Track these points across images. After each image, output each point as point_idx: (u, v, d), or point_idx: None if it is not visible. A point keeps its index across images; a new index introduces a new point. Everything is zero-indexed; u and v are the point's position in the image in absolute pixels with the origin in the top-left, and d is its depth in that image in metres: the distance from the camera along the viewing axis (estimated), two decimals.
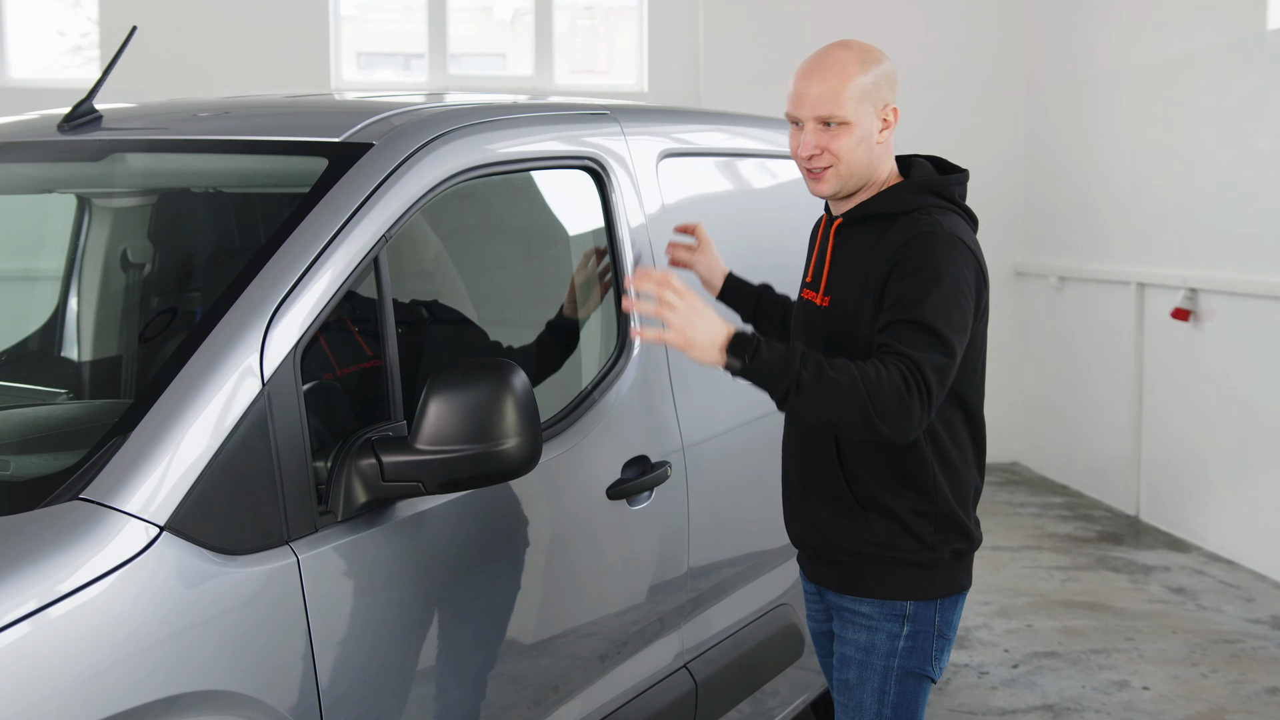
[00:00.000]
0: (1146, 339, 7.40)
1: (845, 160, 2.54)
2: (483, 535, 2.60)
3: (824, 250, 2.68)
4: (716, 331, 2.37)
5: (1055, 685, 4.95)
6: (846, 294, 2.57)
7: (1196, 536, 6.91)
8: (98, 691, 1.87)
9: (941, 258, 2.46)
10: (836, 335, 2.57)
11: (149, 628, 1.94)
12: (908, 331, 2.39)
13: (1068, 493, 8.19)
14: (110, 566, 1.92)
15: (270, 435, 2.17)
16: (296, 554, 2.18)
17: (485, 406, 2.31)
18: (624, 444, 3.00)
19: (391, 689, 2.35)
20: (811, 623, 2.88)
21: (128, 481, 1.99)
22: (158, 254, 3.46)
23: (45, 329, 3.60)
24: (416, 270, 3.15)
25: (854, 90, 2.51)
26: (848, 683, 2.62)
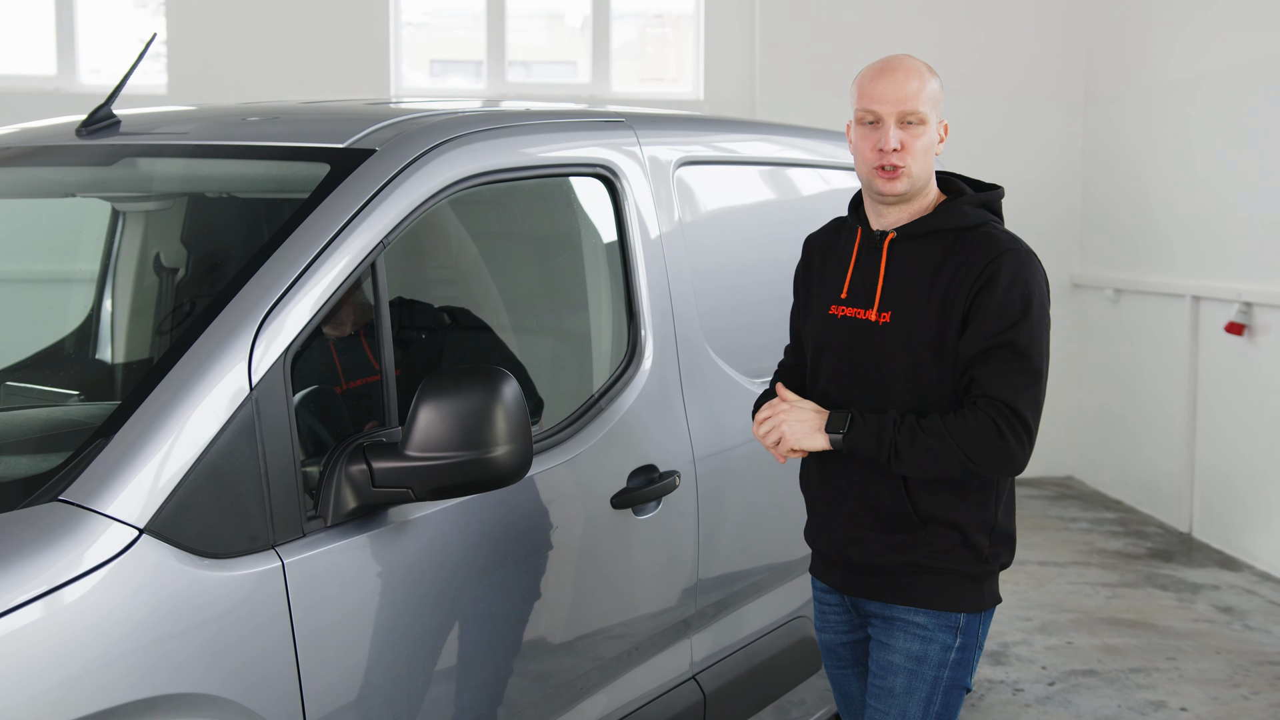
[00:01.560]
0: (1201, 353, 7.27)
1: (919, 160, 2.58)
2: (480, 543, 2.60)
3: (872, 264, 2.63)
4: (813, 423, 2.55)
5: (1090, 704, 4.87)
6: (914, 311, 2.56)
7: (1249, 555, 6.77)
8: (75, 690, 1.89)
9: (1029, 278, 2.54)
10: (900, 353, 2.57)
11: (128, 628, 1.96)
12: (1001, 363, 2.49)
13: (1121, 508, 8.06)
14: (88, 567, 1.94)
15: (257, 440, 2.18)
16: (282, 558, 2.19)
17: (475, 414, 2.31)
18: (631, 453, 2.99)
19: (379, 696, 2.35)
20: (828, 634, 2.82)
21: (108, 484, 2.01)
22: (190, 257, 3.51)
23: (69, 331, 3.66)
24: (423, 276, 3.17)
25: (930, 93, 2.59)
26: (892, 690, 2.61)
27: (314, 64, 8.09)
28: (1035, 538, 7.32)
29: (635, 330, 3.10)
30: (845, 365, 2.65)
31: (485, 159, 2.73)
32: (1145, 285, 7.87)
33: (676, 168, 3.29)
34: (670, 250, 3.20)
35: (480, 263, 3.29)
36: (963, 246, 2.57)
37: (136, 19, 8.54)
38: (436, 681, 2.48)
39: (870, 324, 2.61)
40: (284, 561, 2.19)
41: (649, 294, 3.12)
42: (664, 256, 3.18)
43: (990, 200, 2.67)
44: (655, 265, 3.15)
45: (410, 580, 2.42)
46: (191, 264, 3.28)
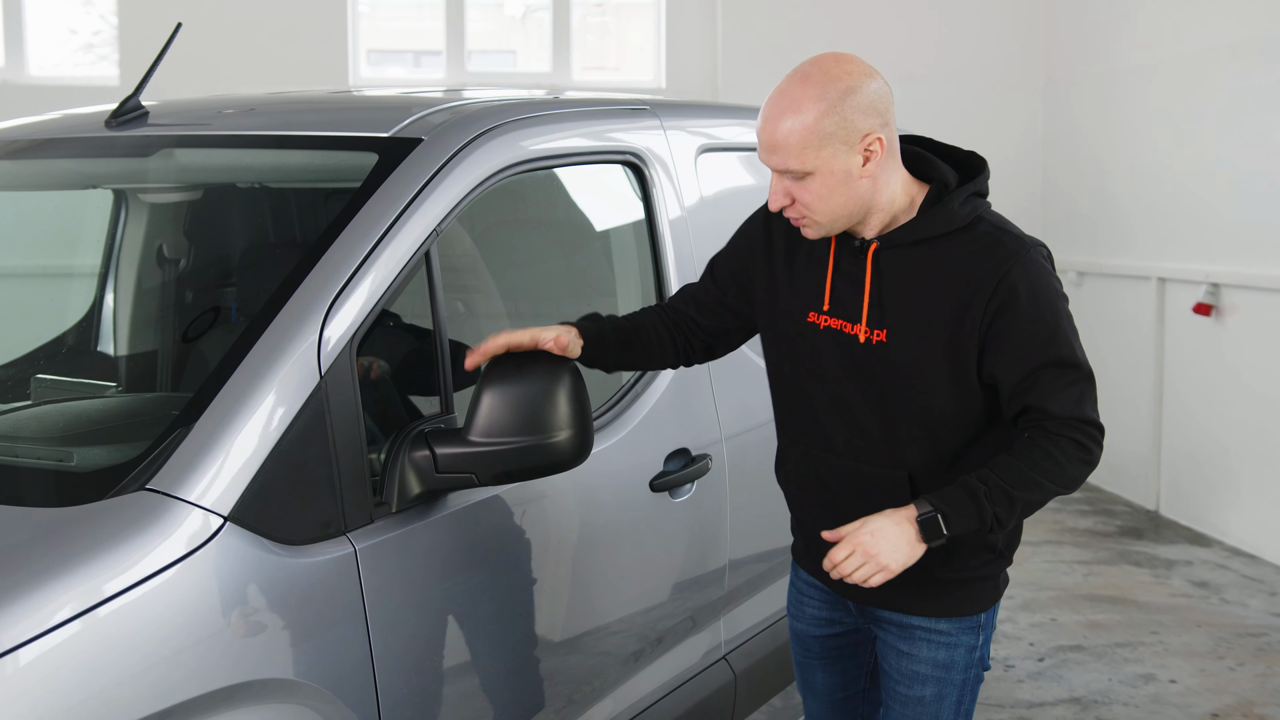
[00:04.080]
0: (1168, 334, 7.41)
1: (819, 210, 2.25)
2: (530, 528, 2.62)
3: (856, 273, 2.33)
4: (904, 537, 2.22)
5: (1082, 678, 4.96)
6: (913, 328, 2.28)
7: (1218, 531, 6.91)
8: (165, 678, 1.89)
9: (1044, 283, 2.27)
10: (900, 374, 2.30)
11: (214, 616, 1.97)
12: (1052, 381, 2.22)
13: (1087, 487, 8.19)
14: (177, 555, 1.94)
15: (328, 427, 2.19)
16: (354, 544, 2.20)
17: (538, 399, 2.33)
18: (666, 437, 3.02)
19: (445, 677, 2.38)
20: (802, 623, 2.65)
21: (192, 472, 2.01)
22: (193, 250, 3.49)
23: (82, 323, 3.63)
24: (464, 265, 3.17)
25: (814, 137, 2.19)
26: (922, 700, 2.46)
27: (268, 55, 8.02)
28: None
29: None
30: (832, 384, 2.38)
31: (525, 147, 2.75)
32: (1108, 268, 8.00)
33: (700, 154, 3.32)
34: (695, 236, 3.23)
35: (512, 251, 3.30)
36: (959, 251, 2.28)
37: (77, 16, 8.42)
38: (493, 662, 2.50)
39: (858, 342, 2.32)
40: (356, 547, 2.20)
41: (677, 277, 3.14)
42: (690, 241, 3.21)
43: (980, 185, 2.37)
44: (683, 250, 3.18)
45: (470, 564, 2.44)
46: (194, 253, 3.26)
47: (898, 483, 2.35)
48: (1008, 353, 2.24)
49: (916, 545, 2.22)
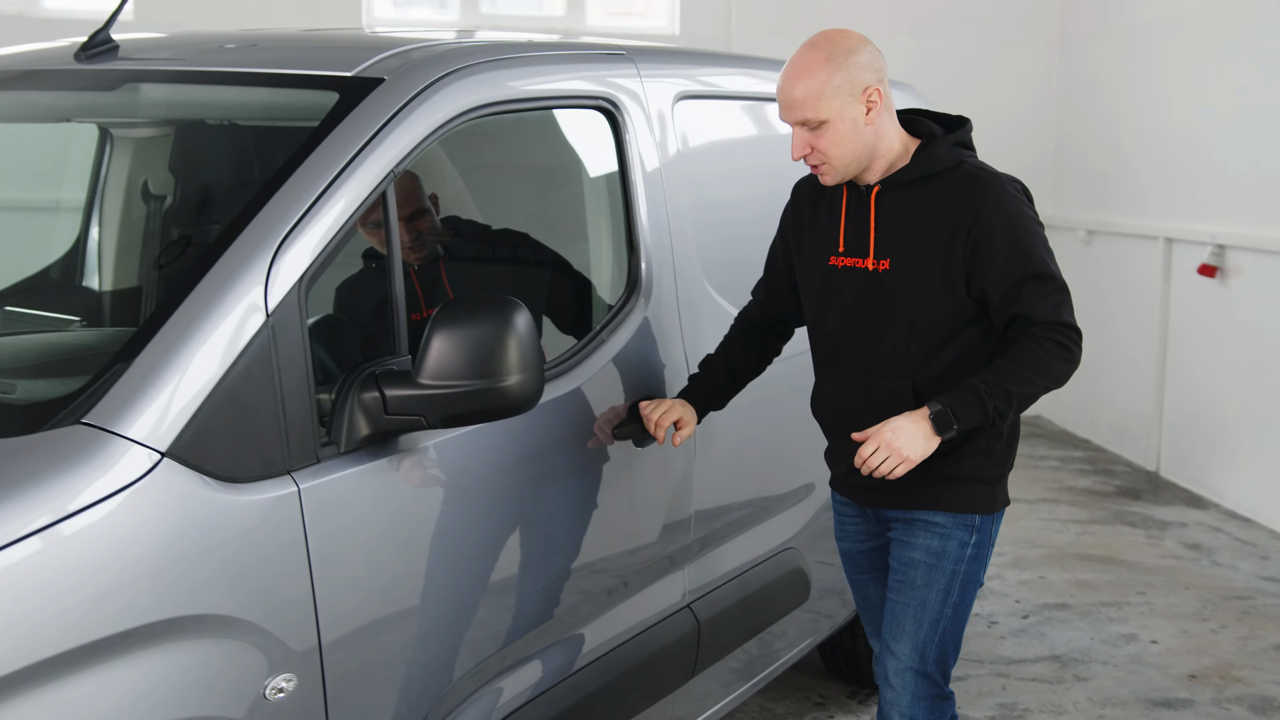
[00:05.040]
0: (1173, 294, 7.35)
1: (835, 155, 2.66)
2: (487, 471, 2.62)
3: (863, 215, 2.75)
4: (920, 431, 2.59)
5: (1064, 636, 4.97)
6: (910, 255, 2.69)
7: (1215, 493, 6.89)
8: (99, 611, 1.91)
9: (1017, 209, 2.67)
10: (901, 297, 2.71)
11: (151, 551, 1.98)
12: (1033, 292, 2.63)
13: (1089, 447, 8.17)
14: (111, 490, 1.95)
15: (274, 366, 2.19)
16: (298, 483, 2.21)
17: (488, 343, 2.32)
18: (632, 384, 3.02)
19: (391, 618, 2.38)
20: (848, 542, 3.01)
21: (130, 407, 2.01)
22: (178, 185, 3.49)
23: (66, 258, 3.64)
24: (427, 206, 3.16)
25: (826, 90, 2.62)
26: (913, 583, 2.79)
27: None
28: None
29: (635, 263, 3.11)
30: (850, 312, 2.78)
31: (492, 90, 2.73)
32: (1117, 227, 7.93)
33: (676, 101, 3.29)
34: (669, 184, 3.21)
35: (482, 194, 3.29)
36: (945, 188, 2.70)
37: None
38: (444, 605, 2.51)
39: (868, 272, 2.74)
40: (300, 487, 2.21)
41: (649, 227, 3.13)
42: (663, 190, 3.19)
43: (962, 137, 2.79)
44: (655, 198, 3.16)
45: (419, 505, 2.45)
46: (199, 192, 3.26)
47: (902, 394, 2.72)
48: (992, 271, 2.63)
49: (931, 437, 2.59)
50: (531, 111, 2.98)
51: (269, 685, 2.15)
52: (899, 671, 2.81)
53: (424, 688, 2.48)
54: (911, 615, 2.80)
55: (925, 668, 2.80)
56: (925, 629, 2.79)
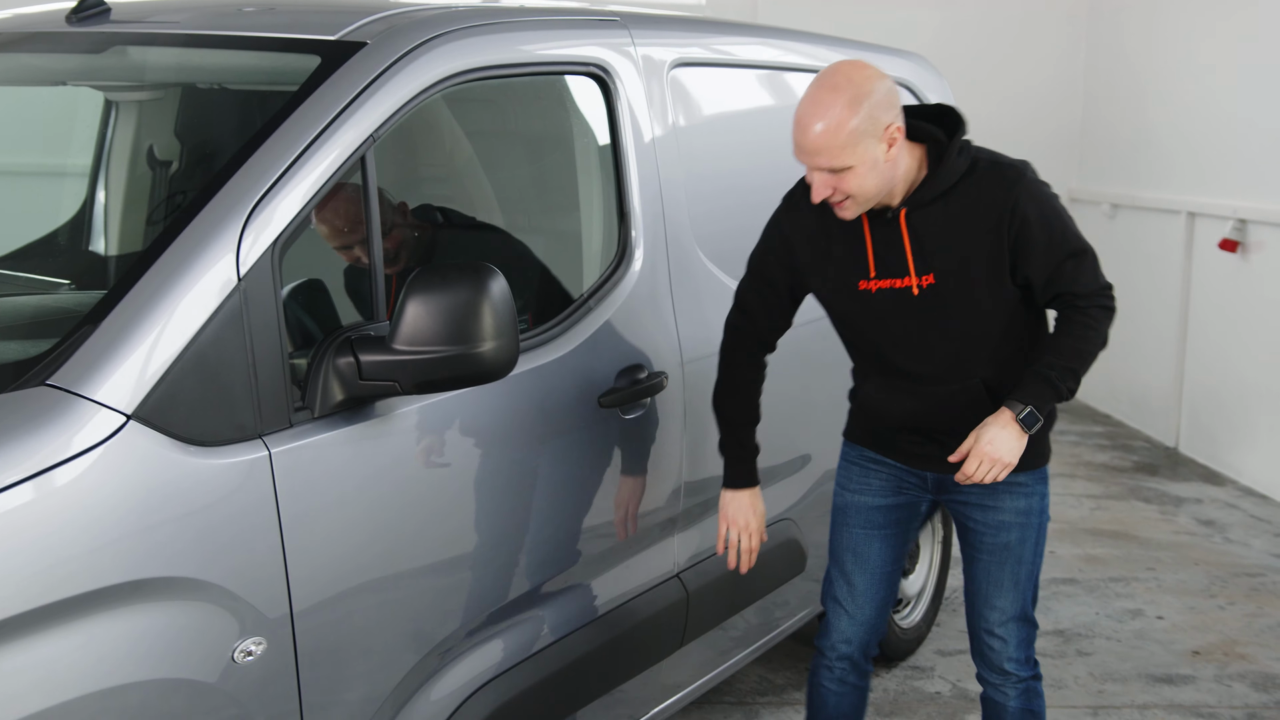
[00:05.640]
0: (1195, 270, 7.28)
1: (859, 192, 2.67)
2: (468, 438, 2.62)
3: (893, 237, 2.76)
4: (1013, 434, 2.72)
5: (1069, 611, 4.95)
6: (955, 264, 2.74)
7: (1233, 470, 6.83)
8: (64, 571, 1.92)
9: (1044, 197, 2.78)
10: (954, 305, 2.77)
11: (116, 512, 1.99)
12: (1072, 270, 2.75)
13: (1109, 422, 8.12)
14: (76, 451, 1.95)
15: (245, 331, 2.20)
16: (269, 447, 2.21)
17: (463, 309, 2.32)
18: (619, 353, 3.01)
19: (365, 583, 2.39)
20: (866, 496, 3.04)
21: (96, 370, 2.02)
22: (184, 151, 3.50)
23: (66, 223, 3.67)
24: (413, 174, 3.16)
25: (849, 137, 2.61)
26: (1008, 545, 2.94)
27: None
28: None
29: (626, 231, 3.10)
30: (899, 330, 2.83)
31: (478, 55, 2.71)
32: (1142, 201, 7.85)
33: (671, 69, 3.27)
34: (662, 152, 3.19)
35: (471, 161, 3.28)
36: (971, 192, 2.75)
37: None
38: (421, 573, 2.52)
39: (911, 290, 2.77)
40: (271, 451, 2.21)
41: (640, 195, 3.12)
42: (656, 158, 3.17)
43: (962, 141, 2.79)
44: (647, 167, 3.14)
45: (396, 472, 2.45)
46: (184, 155, 3.27)
47: (975, 392, 2.83)
48: (1035, 259, 2.74)
49: (1022, 436, 2.73)
50: (520, 78, 2.96)
51: (238, 648, 2.16)
52: (1003, 623, 2.98)
53: (400, 654, 2.49)
54: (1009, 572, 2.95)
55: (1027, 612, 3.00)
56: (1024, 580, 2.97)
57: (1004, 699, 3.03)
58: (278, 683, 2.25)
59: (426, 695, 2.57)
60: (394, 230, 2.99)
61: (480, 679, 2.69)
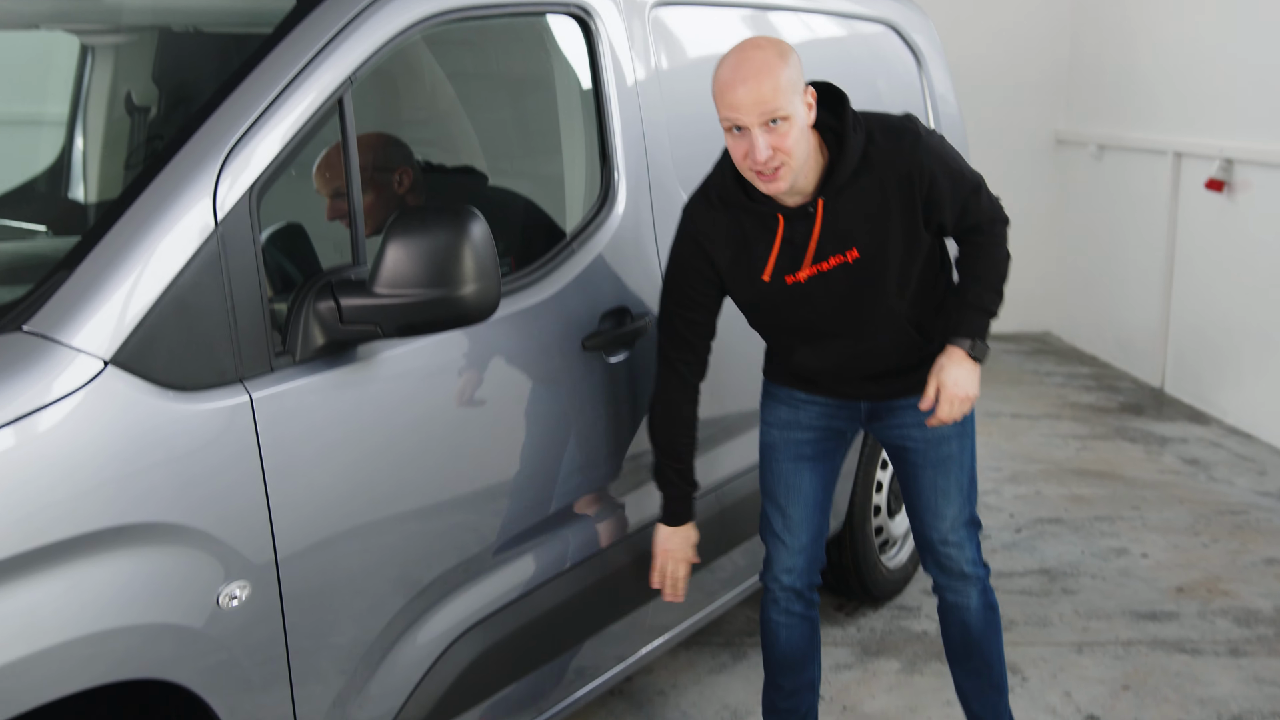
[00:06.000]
0: (1181, 210, 7.26)
1: (794, 153, 2.66)
2: (450, 381, 2.62)
3: (806, 229, 2.79)
4: (970, 369, 2.87)
5: (1055, 550, 4.98)
6: (877, 234, 2.80)
7: (1218, 409, 6.86)
8: (45, 516, 1.91)
9: (939, 149, 2.83)
10: (882, 269, 2.84)
11: (97, 457, 1.98)
12: (972, 206, 2.87)
13: (1095, 363, 8.14)
14: (55, 397, 1.95)
15: (224, 275, 2.18)
16: (250, 392, 2.21)
17: (443, 252, 2.31)
18: (603, 296, 3.00)
19: (349, 527, 2.39)
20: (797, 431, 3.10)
21: (72, 315, 2.01)
22: (162, 96, 3.47)
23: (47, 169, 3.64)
24: (393, 117, 3.13)
25: (785, 84, 2.61)
26: (950, 455, 3.06)
27: None
28: (1010, 391, 7.40)
29: (608, 174, 3.09)
30: (827, 307, 2.87)
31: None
32: (1128, 141, 7.82)
33: (653, 8, 3.24)
34: (645, 94, 3.17)
35: (452, 104, 3.25)
36: (876, 165, 2.77)
37: None
38: (406, 517, 2.52)
39: (838, 268, 2.82)
40: (252, 396, 2.21)
41: (623, 137, 3.10)
42: (638, 100, 3.15)
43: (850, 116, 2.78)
44: (629, 108, 3.12)
45: (379, 417, 2.45)
46: (162, 100, 3.24)
47: (902, 332, 2.94)
48: (946, 207, 2.85)
49: (976, 367, 2.89)
50: (500, 19, 2.93)
51: (223, 593, 2.17)
52: (955, 529, 3.10)
53: (386, 598, 2.50)
54: (954, 481, 3.07)
55: (973, 515, 3.13)
56: (967, 485, 3.10)
57: (966, 600, 3.16)
58: (263, 627, 2.25)
59: (413, 639, 2.58)
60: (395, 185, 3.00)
61: (466, 622, 2.70)
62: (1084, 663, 4.05)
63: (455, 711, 2.70)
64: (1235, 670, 4.00)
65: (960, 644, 3.22)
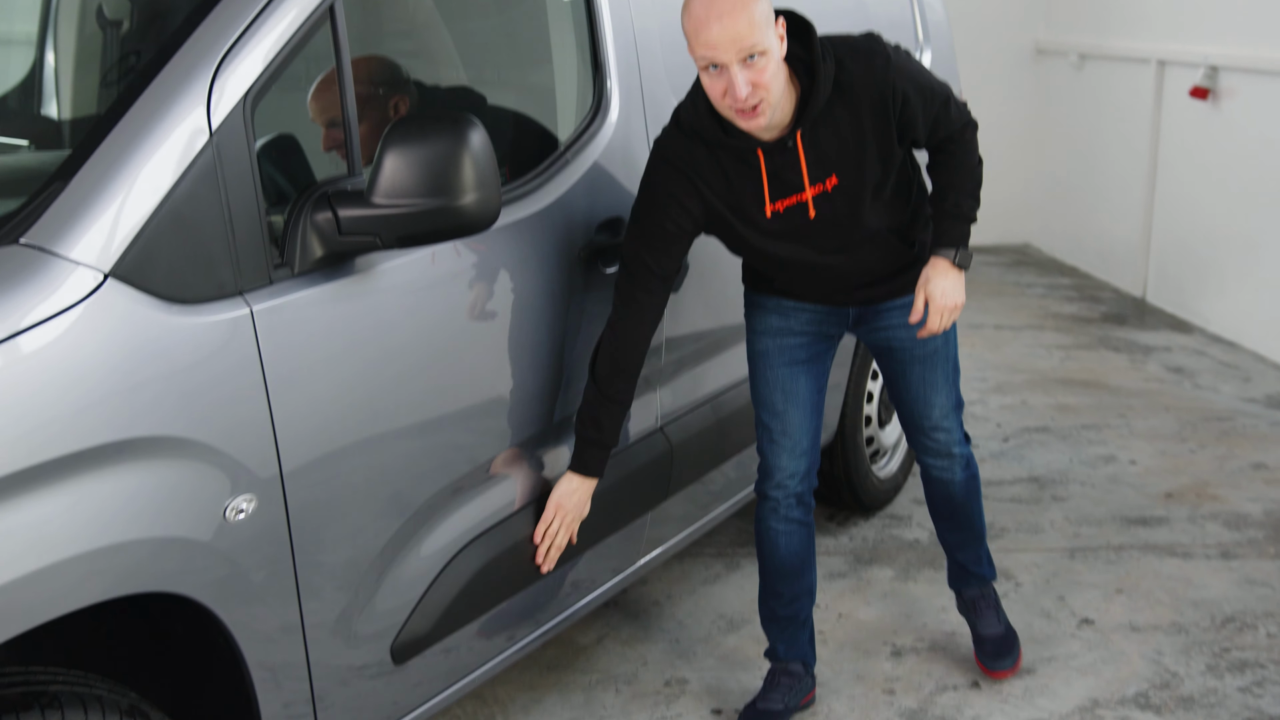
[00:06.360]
0: (1164, 119, 7.24)
1: (771, 88, 2.63)
2: (449, 294, 2.59)
3: (789, 161, 2.78)
4: (956, 278, 2.93)
5: (1043, 458, 5.01)
6: (856, 159, 2.81)
7: (1200, 318, 6.88)
8: (47, 432, 1.88)
9: (905, 65, 2.82)
10: (863, 191, 2.85)
11: (98, 372, 1.95)
12: (944, 114, 2.90)
13: (1076, 274, 8.15)
14: (54, 312, 1.91)
15: (220, 186, 2.14)
16: (250, 305, 2.18)
17: (442, 161, 2.27)
18: (599, 205, 2.97)
19: (352, 440, 2.38)
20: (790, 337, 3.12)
21: (69, 227, 1.97)
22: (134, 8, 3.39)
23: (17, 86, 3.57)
24: (382, 27, 3.07)
25: (760, 19, 2.58)
26: (937, 350, 3.14)
27: None
28: (991, 303, 7.41)
29: (601, 83, 3.04)
30: (811, 234, 2.88)
31: None
32: (1110, 50, 7.78)
33: None
34: (636, 1, 3.12)
35: (437, 13, 3.19)
36: (851, 90, 2.76)
37: None
38: (407, 430, 2.50)
39: (819, 197, 2.83)
40: (253, 309, 2.18)
41: (615, 45, 3.05)
42: (630, 6, 3.10)
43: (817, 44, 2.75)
44: (621, 15, 3.07)
45: (379, 328, 2.42)
46: (135, 14, 3.16)
47: (884, 243, 2.98)
48: (919, 123, 2.87)
49: (962, 275, 2.95)
50: None
51: (229, 507, 2.15)
52: (944, 416, 3.23)
53: (389, 510, 2.49)
54: (942, 372, 3.17)
55: (957, 398, 3.25)
56: (952, 373, 3.21)
57: (951, 475, 3.33)
58: (270, 541, 2.24)
59: (416, 551, 2.58)
60: None
61: (468, 535, 2.69)
62: (1077, 568, 4.09)
63: (458, 625, 2.71)
64: (1226, 573, 4.04)
65: (944, 507, 3.42)
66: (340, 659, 2.45)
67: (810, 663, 3.33)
